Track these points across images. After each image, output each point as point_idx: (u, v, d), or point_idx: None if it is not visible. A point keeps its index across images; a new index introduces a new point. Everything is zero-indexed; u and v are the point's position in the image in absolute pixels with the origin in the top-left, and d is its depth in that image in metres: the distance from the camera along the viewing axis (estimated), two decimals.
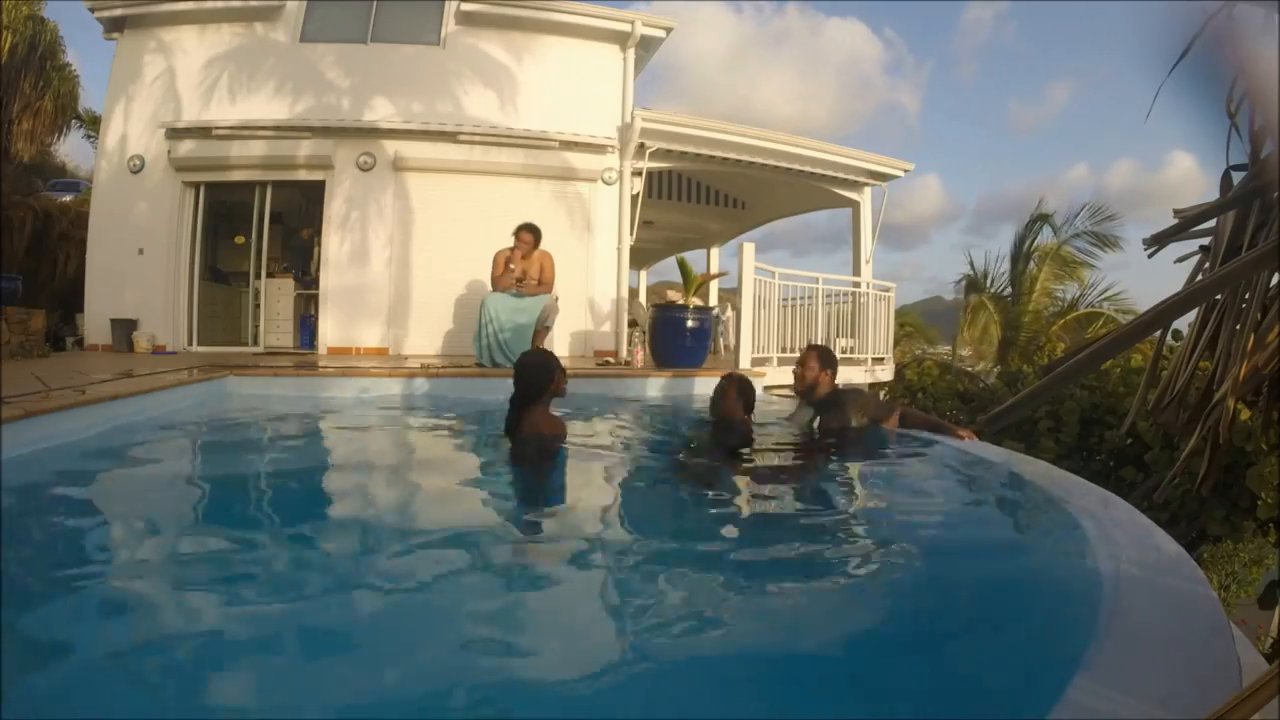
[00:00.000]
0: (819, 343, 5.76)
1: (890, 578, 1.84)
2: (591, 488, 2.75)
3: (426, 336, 7.47)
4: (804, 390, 3.51)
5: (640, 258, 13.71)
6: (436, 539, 2.06)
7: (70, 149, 17.65)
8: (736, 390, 3.34)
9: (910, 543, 2.12)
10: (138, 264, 7.37)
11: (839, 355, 7.03)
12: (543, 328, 5.76)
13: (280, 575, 1.74)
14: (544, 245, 5.94)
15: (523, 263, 5.79)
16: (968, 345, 13.57)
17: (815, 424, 3.47)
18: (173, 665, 1.25)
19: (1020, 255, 12.94)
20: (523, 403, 2.85)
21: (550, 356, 2.99)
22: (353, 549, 1.94)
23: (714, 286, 10.87)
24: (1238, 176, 1.69)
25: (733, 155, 8.20)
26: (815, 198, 9.86)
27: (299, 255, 9.42)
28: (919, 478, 3.01)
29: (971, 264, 13.74)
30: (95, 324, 7.28)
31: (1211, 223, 1.72)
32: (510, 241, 5.83)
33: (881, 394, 9.17)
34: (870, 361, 7.45)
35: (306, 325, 8.46)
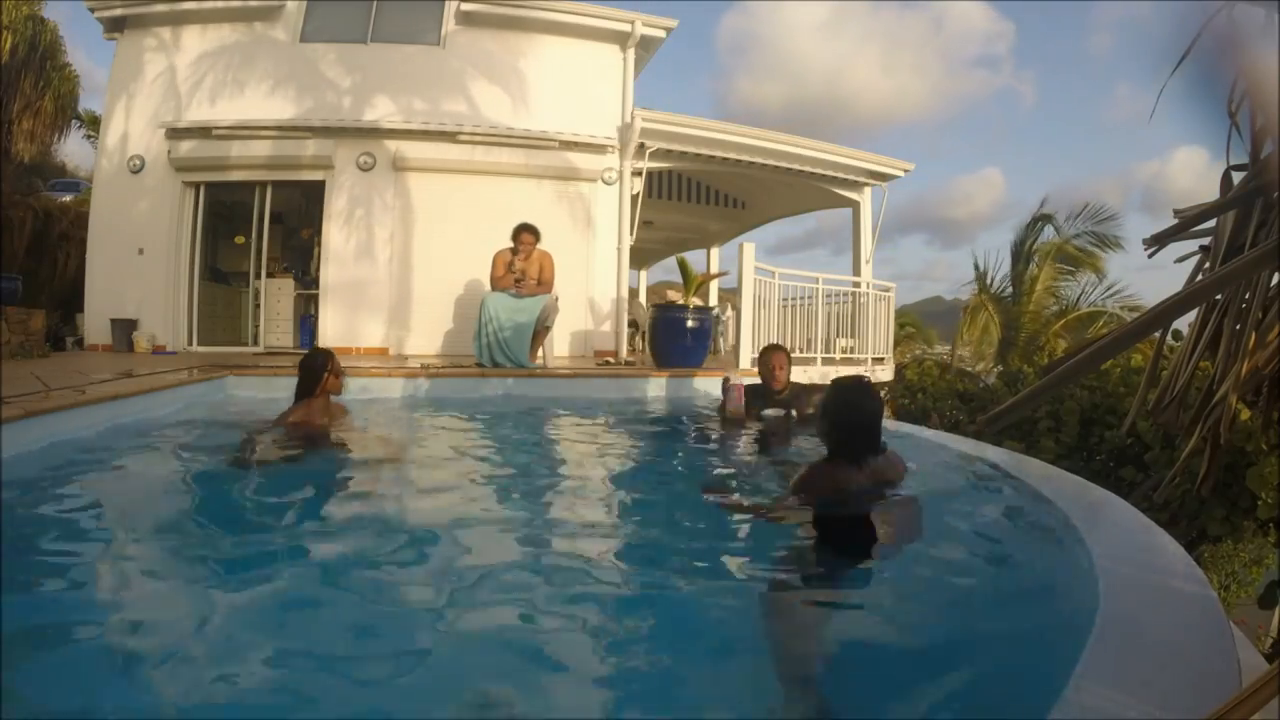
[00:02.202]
0: (777, 341, 5.83)
1: (886, 578, 1.84)
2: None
3: (427, 336, 7.47)
4: (778, 389, 3.70)
5: (640, 258, 13.71)
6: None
7: (70, 149, 17.64)
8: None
9: (905, 544, 2.11)
10: (138, 264, 7.37)
11: (839, 356, 7.10)
12: (543, 328, 5.76)
13: (280, 575, 1.74)
14: (544, 245, 5.93)
15: (523, 263, 5.79)
16: (967, 345, 13.58)
17: (792, 415, 3.66)
18: (172, 664, 1.25)
19: (1021, 255, 12.95)
20: (300, 395, 3.19)
21: (326, 358, 3.27)
22: (350, 546, 1.94)
23: (714, 286, 10.87)
24: (1238, 177, 1.69)
25: (733, 155, 8.21)
26: (815, 198, 9.86)
27: (299, 255, 9.42)
28: (915, 478, 3.01)
29: (976, 265, 13.77)
30: (95, 324, 7.28)
31: (1212, 222, 1.72)
32: (509, 242, 5.83)
33: (881, 394, 9.16)
34: (870, 361, 7.44)
35: (306, 325, 8.46)
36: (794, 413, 3.68)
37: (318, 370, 3.21)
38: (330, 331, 7.43)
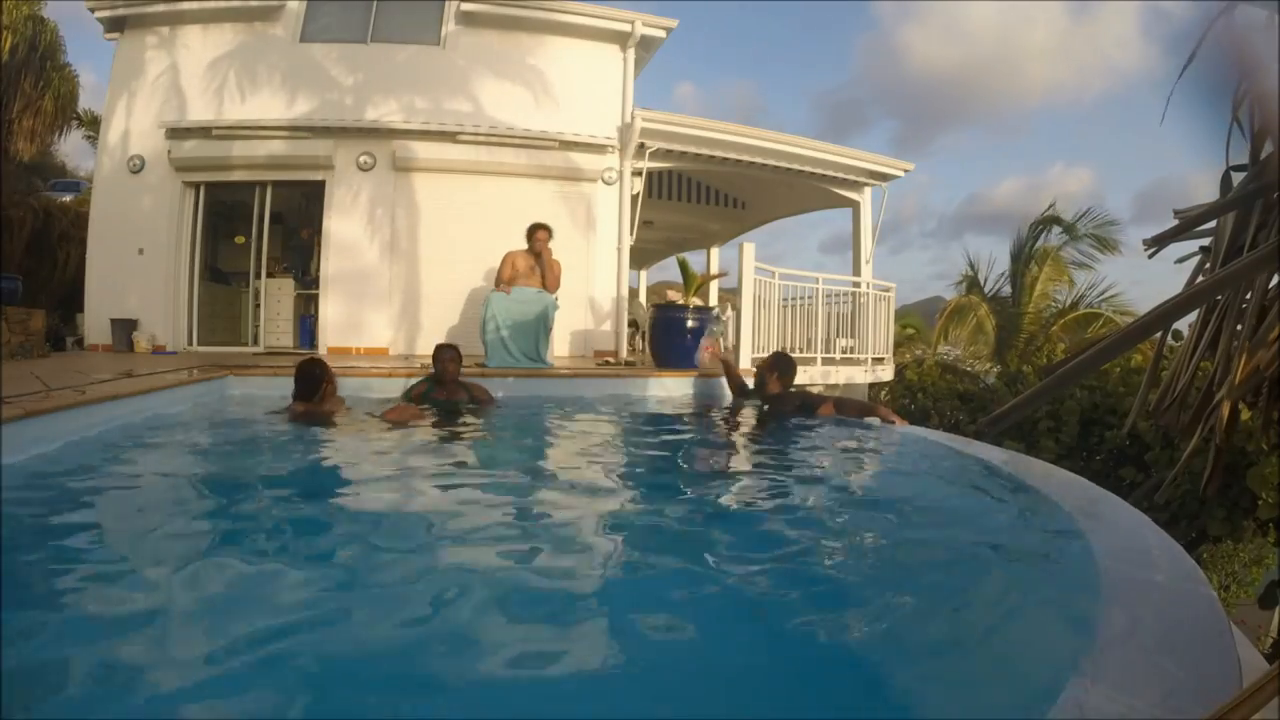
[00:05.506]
0: (779, 342, 6.44)
1: (886, 578, 1.84)
2: None
3: (427, 336, 7.46)
4: (759, 385, 4.33)
5: (640, 258, 13.71)
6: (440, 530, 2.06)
7: (70, 149, 17.64)
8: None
9: (907, 544, 2.12)
10: (138, 264, 7.37)
11: (839, 356, 7.10)
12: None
13: (279, 575, 1.74)
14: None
15: (535, 257, 5.85)
16: (955, 345, 13.57)
17: (765, 409, 4.32)
18: (171, 664, 1.25)
19: (1022, 256, 12.96)
20: (301, 398, 3.73)
21: (324, 370, 3.78)
22: (348, 547, 1.94)
23: (714, 286, 10.87)
24: (1238, 177, 1.69)
25: (732, 155, 8.21)
26: (815, 198, 9.86)
27: (299, 255, 9.42)
28: (916, 479, 3.02)
29: (971, 264, 13.78)
30: (95, 324, 7.28)
31: (1212, 223, 1.72)
32: (512, 243, 5.85)
33: (881, 394, 9.19)
34: (870, 362, 7.44)
35: (306, 325, 8.46)
36: (764, 405, 4.37)
37: (317, 381, 3.73)
38: (331, 331, 7.43)
